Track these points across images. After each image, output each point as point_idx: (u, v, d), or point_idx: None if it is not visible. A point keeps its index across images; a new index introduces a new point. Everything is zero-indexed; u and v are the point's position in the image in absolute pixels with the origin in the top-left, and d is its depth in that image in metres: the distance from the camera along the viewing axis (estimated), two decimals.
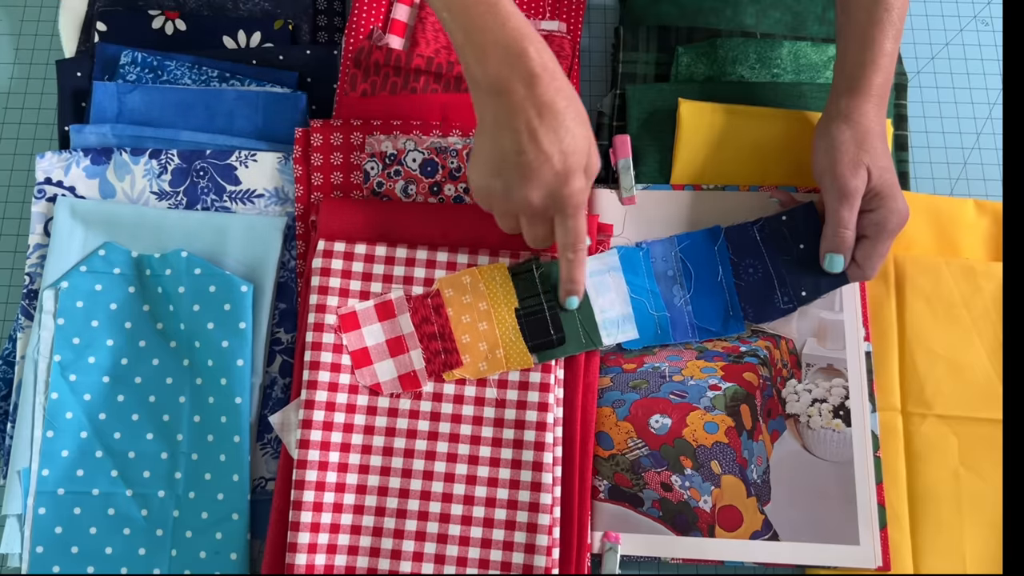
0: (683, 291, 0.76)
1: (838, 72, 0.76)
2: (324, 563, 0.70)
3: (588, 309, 0.74)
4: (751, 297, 0.76)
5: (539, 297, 0.74)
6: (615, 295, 0.75)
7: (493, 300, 0.74)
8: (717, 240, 0.77)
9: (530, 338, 0.73)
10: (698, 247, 0.77)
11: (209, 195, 0.79)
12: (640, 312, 0.76)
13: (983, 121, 0.90)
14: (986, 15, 0.95)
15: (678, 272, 0.76)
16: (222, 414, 0.73)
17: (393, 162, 0.80)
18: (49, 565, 0.71)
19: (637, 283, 0.76)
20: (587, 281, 0.74)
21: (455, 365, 0.73)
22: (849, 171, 0.72)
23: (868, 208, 0.73)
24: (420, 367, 0.73)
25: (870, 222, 0.73)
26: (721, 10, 0.89)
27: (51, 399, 0.73)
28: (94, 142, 0.80)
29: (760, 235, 0.77)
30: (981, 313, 0.78)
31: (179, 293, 0.75)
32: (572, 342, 0.74)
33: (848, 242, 0.73)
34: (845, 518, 0.72)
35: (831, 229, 0.73)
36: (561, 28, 0.90)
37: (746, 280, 0.76)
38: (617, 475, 0.74)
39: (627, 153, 0.81)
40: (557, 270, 0.73)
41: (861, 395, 0.75)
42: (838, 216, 0.73)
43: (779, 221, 0.77)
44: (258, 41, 0.87)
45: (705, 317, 0.76)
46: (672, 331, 0.76)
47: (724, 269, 0.76)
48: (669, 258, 0.77)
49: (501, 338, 0.73)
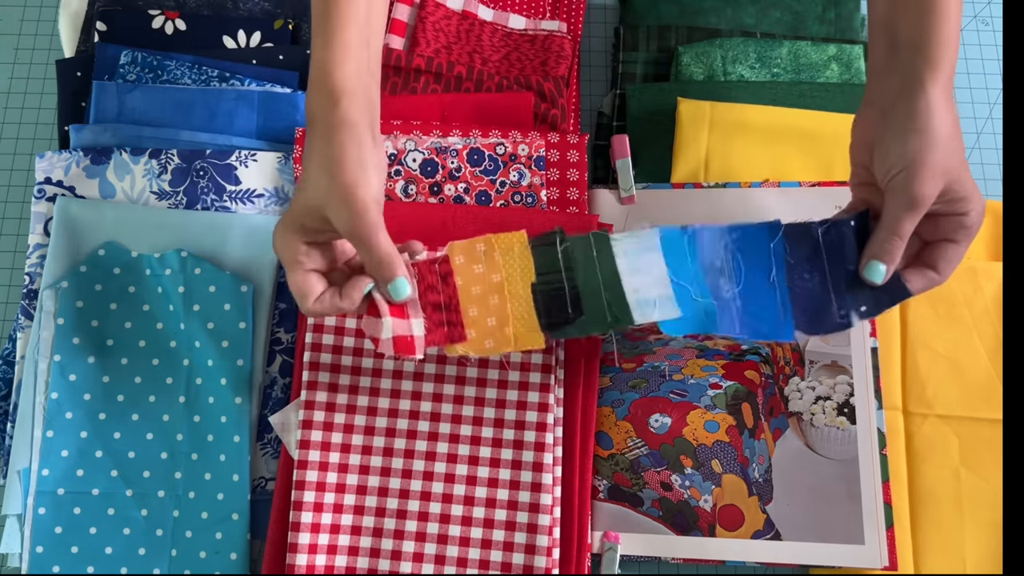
0: (731, 285, 0.68)
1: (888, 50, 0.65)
2: (324, 563, 0.70)
3: (618, 288, 0.67)
4: (805, 305, 0.67)
5: (560, 273, 0.67)
6: (651, 277, 0.68)
7: (509, 272, 0.67)
8: (775, 237, 0.68)
9: (545, 315, 0.67)
10: (751, 241, 0.68)
11: (209, 195, 0.79)
12: (682, 296, 0.68)
13: (983, 121, 0.90)
14: (986, 15, 0.95)
15: (727, 264, 0.68)
16: (222, 414, 0.73)
17: (393, 162, 0.80)
18: (49, 565, 0.71)
19: (679, 267, 0.68)
20: (620, 261, 0.68)
21: (458, 340, 0.66)
22: (931, 176, 0.62)
23: (955, 211, 0.64)
24: (419, 334, 0.66)
25: (959, 226, 0.64)
26: (721, 10, 0.90)
27: (51, 399, 0.73)
28: (94, 142, 0.80)
29: (824, 239, 0.67)
30: (981, 313, 0.78)
31: (179, 293, 0.75)
32: (596, 322, 0.67)
33: (899, 254, 0.64)
34: (850, 517, 0.72)
35: (886, 234, 0.64)
36: (561, 28, 0.90)
37: (801, 286, 0.67)
38: (617, 475, 0.74)
39: (625, 153, 0.81)
40: (583, 246, 0.67)
41: (866, 392, 0.75)
42: (900, 225, 0.63)
43: (847, 226, 0.66)
44: (258, 41, 0.87)
45: (753, 317, 0.68)
46: (719, 319, 0.68)
47: (778, 270, 0.68)
48: (718, 248, 0.68)
49: (512, 314, 0.67)
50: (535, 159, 0.80)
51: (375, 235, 0.62)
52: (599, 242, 0.67)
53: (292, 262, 0.64)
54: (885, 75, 0.65)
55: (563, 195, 0.80)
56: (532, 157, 0.80)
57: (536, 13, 0.91)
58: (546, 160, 0.81)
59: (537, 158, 0.80)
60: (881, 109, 0.64)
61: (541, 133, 0.81)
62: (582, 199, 0.80)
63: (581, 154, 0.81)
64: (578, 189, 0.80)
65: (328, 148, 0.62)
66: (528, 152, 0.80)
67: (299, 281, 0.64)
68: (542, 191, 0.80)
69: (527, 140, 0.81)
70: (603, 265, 0.67)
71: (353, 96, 0.63)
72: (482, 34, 0.90)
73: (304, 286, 0.64)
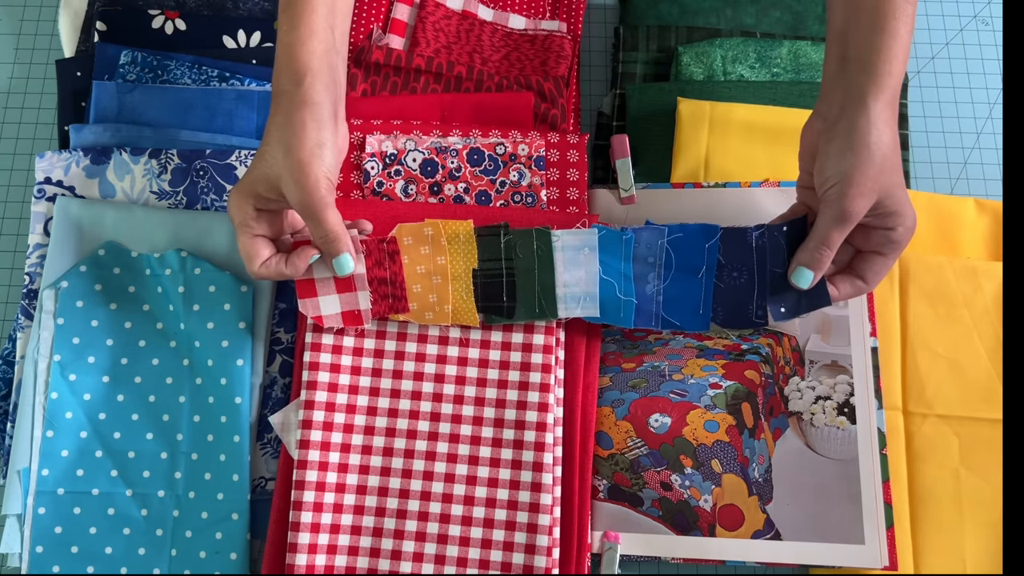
0: (659, 280, 0.74)
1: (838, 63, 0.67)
2: (324, 563, 0.70)
3: (550, 280, 0.73)
4: (726, 300, 0.73)
5: (500, 262, 0.73)
6: (583, 273, 0.74)
7: (452, 256, 0.73)
8: (711, 239, 0.73)
9: (482, 300, 0.73)
10: (688, 240, 0.73)
11: (209, 195, 0.79)
12: (607, 293, 0.74)
13: (983, 121, 0.90)
14: (986, 15, 0.95)
15: (659, 260, 0.74)
16: (222, 414, 0.73)
17: (393, 162, 0.80)
18: (49, 565, 0.71)
19: (612, 265, 0.74)
20: (557, 256, 0.73)
21: (400, 311, 0.73)
22: (861, 194, 0.65)
23: (884, 226, 0.67)
24: (365, 308, 0.72)
25: (886, 240, 0.67)
26: (721, 10, 0.90)
27: (51, 399, 0.73)
28: (94, 142, 0.80)
29: (757, 243, 0.72)
30: (981, 313, 0.78)
31: (179, 293, 0.75)
32: (524, 310, 0.73)
33: (826, 263, 0.68)
34: (850, 517, 0.72)
35: (815, 243, 0.67)
36: (561, 28, 0.90)
37: (727, 283, 0.73)
38: (616, 475, 0.74)
39: (625, 153, 0.81)
40: (525, 240, 0.73)
41: (866, 392, 0.75)
42: (829, 236, 0.67)
43: (780, 231, 0.71)
44: (258, 41, 0.87)
45: (673, 309, 0.74)
46: (635, 317, 0.74)
47: (708, 267, 0.73)
48: (654, 245, 0.74)
49: (453, 294, 0.73)
50: (535, 159, 0.80)
51: (324, 211, 0.66)
52: (541, 238, 0.74)
53: (242, 225, 0.68)
54: (832, 87, 0.68)
55: (563, 195, 0.80)
56: (532, 157, 0.80)
57: (536, 13, 0.91)
58: (546, 160, 0.81)
59: (537, 158, 0.80)
60: (825, 120, 0.67)
61: (541, 133, 0.81)
62: (582, 199, 0.80)
63: (581, 154, 0.81)
64: (578, 189, 0.80)
65: (289, 124, 0.65)
66: (528, 152, 0.80)
67: (247, 244, 0.68)
68: (542, 191, 0.80)
69: (527, 140, 0.81)
70: (541, 260, 0.74)
71: (317, 75, 0.66)
72: (482, 34, 0.90)
73: (251, 249, 0.68)
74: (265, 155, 0.66)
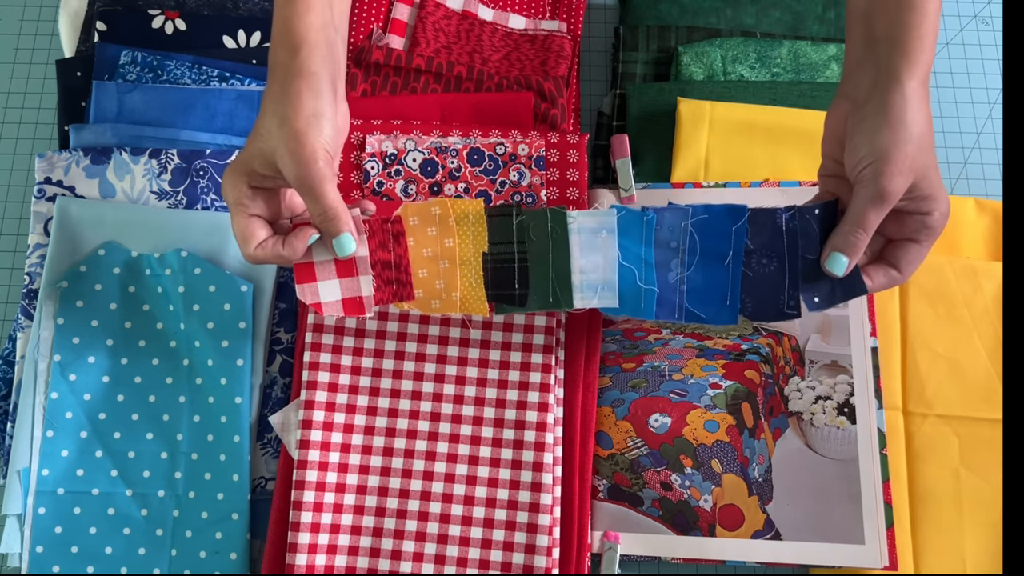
0: (682, 267, 0.68)
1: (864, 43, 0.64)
2: (324, 563, 0.70)
3: (566, 267, 0.68)
4: (755, 291, 0.67)
5: (512, 245, 0.68)
6: (601, 258, 0.68)
7: (461, 238, 0.68)
8: (738, 221, 0.67)
9: (492, 287, 0.68)
10: (714, 222, 0.67)
11: (209, 195, 0.79)
12: (626, 281, 0.69)
13: (983, 121, 0.90)
14: (986, 15, 0.95)
15: (682, 245, 0.68)
16: (222, 414, 0.73)
17: (393, 162, 0.80)
18: (49, 565, 0.71)
19: (632, 249, 0.68)
20: (573, 239, 0.68)
21: (405, 298, 0.68)
22: (899, 171, 0.61)
23: (920, 210, 0.63)
24: (368, 294, 0.67)
25: (921, 225, 0.64)
26: (721, 10, 0.90)
27: (51, 399, 0.73)
28: (94, 142, 0.80)
29: (788, 225, 0.66)
30: (981, 313, 0.78)
31: (179, 293, 0.75)
32: (537, 298, 0.68)
33: (862, 247, 0.64)
34: (850, 517, 0.72)
35: (851, 227, 0.63)
36: (561, 28, 0.90)
37: (756, 271, 0.67)
38: (616, 475, 0.74)
39: (625, 152, 0.81)
40: (539, 221, 0.68)
41: (866, 392, 0.75)
42: (866, 218, 0.62)
43: (812, 214, 0.65)
44: (258, 41, 0.87)
45: (697, 300, 0.68)
46: (656, 308, 0.69)
47: (735, 253, 0.67)
48: (677, 228, 0.68)
49: (461, 280, 0.68)
50: (535, 159, 0.80)
51: (322, 185, 0.62)
52: (556, 218, 0.68)
53: (236, 204, 0.63)
54: (860, 68, 0.64)
55: (563, 195, 0.80)
56: (532, 157, 0.80)
57: (536, 13, 0.91)
58: (546, 160, 0.81)
59: (537, 158, 0.80)
60: (854, 102, 0.64)
61: (541, 133, 0.81)
62: (582, 199, 0.80)
63: (581, 154, 0.81)
64: (578, 189, 0.80)
65: (284, 95, 0.62)
66: (528, 152, 0.80)
67: (241, 224, 0.63)
68: (542, 191, 0.80)
69: (527, 140, 0.81)
70: (556, 243, 0.68)
71: (315, 47, 0.63)
72: (482, 34, 0.90)
73: (246, 230, 0.63)
74: (260, 129, 0.62)
